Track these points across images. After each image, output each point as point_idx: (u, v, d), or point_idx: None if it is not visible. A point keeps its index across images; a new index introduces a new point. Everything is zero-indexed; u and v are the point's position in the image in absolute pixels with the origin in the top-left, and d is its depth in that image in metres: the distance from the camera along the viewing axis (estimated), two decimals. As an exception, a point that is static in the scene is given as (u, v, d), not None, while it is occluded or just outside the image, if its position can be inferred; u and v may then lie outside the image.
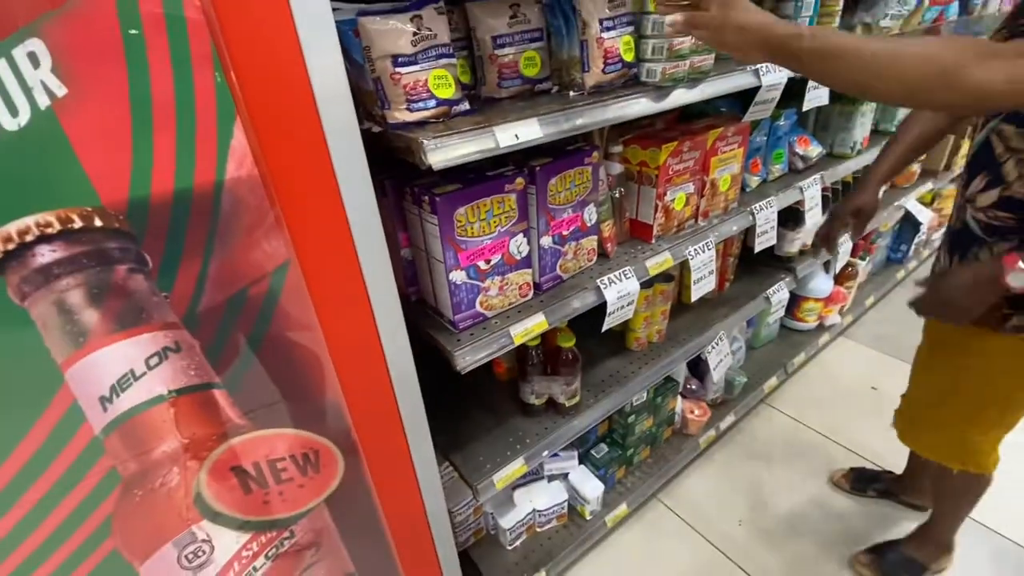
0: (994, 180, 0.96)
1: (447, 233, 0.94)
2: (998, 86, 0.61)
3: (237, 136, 0.62)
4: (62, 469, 0.66)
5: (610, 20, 0.95)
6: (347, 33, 0.79)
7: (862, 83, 0.68)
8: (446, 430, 1.31)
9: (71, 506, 0.68)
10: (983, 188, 0.98)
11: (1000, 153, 0.94)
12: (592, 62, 0.96)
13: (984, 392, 1.11)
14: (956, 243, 1.06)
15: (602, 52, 0.95)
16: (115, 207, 0.58)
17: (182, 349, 0.68)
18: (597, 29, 0.94)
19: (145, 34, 0.54)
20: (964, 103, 0.66)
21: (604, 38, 0.94)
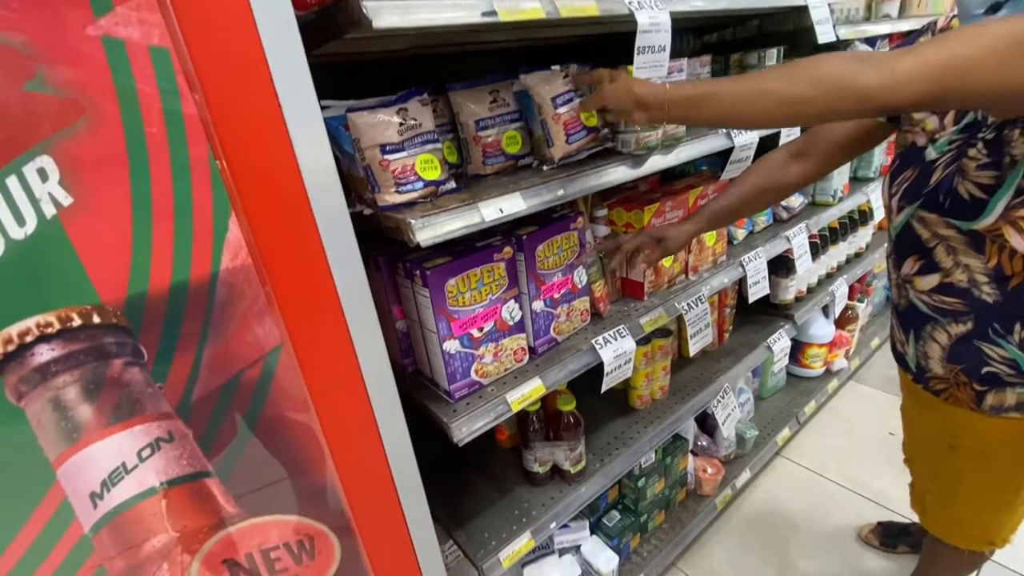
0: (928, 265, 0.92)
1: (439, 304, 0.96)
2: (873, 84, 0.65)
3: (232, 230, 0.65)
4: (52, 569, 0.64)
5: (563, 96, 1.01)
6: (337, 127, 0.86)
7: (731, 114, 0.79)
8: (448, 505, 1.27)
9: (55, 613, 0.66)
10: (918, 271, 0.94)
11: (927, 239, 0.90)
12: (554, 137, 1.02)
13: (989, 478, 1.03)
14: (908, 322, 1.01)
15: (561, 126, 1.01)
16: (113, 303, 0.61)
17: (175, 439, 0.68)
18: (551, 107, 1.01)
19: (147, 143, 0.59)
20: (850, 111, 0.70)
21: (560, 113, 1.01)
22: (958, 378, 0.95)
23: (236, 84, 0.62)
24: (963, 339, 0.92)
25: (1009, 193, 0.77)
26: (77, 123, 0.55)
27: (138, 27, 0.56)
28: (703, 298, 1.40)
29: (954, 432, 1.04)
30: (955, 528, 1.16)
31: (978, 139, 0.81)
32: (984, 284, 0.86)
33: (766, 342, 1.82)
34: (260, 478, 0.77)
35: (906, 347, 1.05)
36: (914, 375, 1.05)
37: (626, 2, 0.95)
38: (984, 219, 0.81)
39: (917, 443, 1.22)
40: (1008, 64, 0.60)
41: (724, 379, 1.67)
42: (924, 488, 1.22)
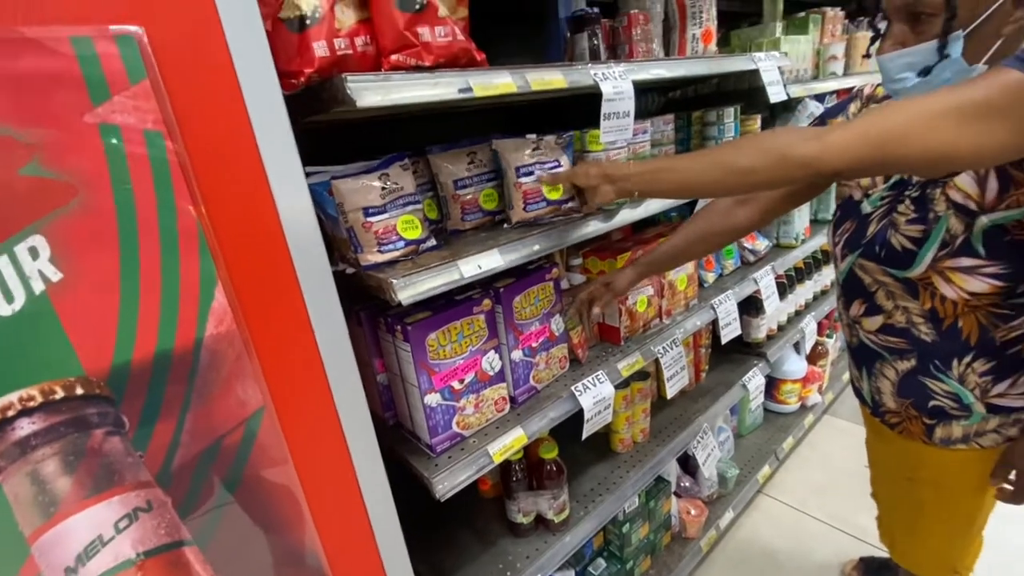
0: (872, 308, 0.98)
1: (420, 358, 0.98)
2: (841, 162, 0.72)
3: (218, 298, 0.67)
4: (15, 657, 0.62)
5: (527, 167, 1.08)
6: (321, 193, 0.90)
7: (689, 182, 0.89)
8: (430, 560, 1.25)
9: None
10: (864, 313, 1.01)
11: (868, 284, 0.97)
12: (514, 203, 1.09)
13: (946, 507, 1.08)
14: (861, 359, 1.08)
15: (521, 194, 1.08)
16: (97, 374, 0.62)
17: (153, 508, 0.68)
18: (514, 175, 1.07)
19: (138, 220, 0.61)
20: (794, 176, 0.78)
21: (521, 183, 1.07)
22: (908, 412, 1.01)
23: (226, 162, 0.66)
24: (909, 375, 0.98)
25: (935, 245, 0.85)
26: (71, 203, 0.58)
27: (134, 113, 0.60)
28: (678, 341, 1.45)
29: (912, 464, 1.09)
30: (921, 559, 1.19)
31: (905, 196, 0.90)
32: (921, 324, 0.93)
33: (741, 380, 1.86)
34: (240, 543, 0.76)
35: (861, 383, 1.11)
36: (871, 409, 1.11)
37: (591, 74, 1.04)
38: (915, 269, 0.88)
39: (880, 476, 1.27)
40: (931, 134, 0.67)
41: (703, 419, 1.70)
42: (890, 520, 1.26)
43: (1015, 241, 0.80)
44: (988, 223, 0.80)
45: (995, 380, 0.91)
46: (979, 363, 0.90)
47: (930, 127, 0.67)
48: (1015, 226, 0.79)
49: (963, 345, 0.90)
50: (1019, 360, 0.89)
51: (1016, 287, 0.83)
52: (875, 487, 1.31)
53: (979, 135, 0.65)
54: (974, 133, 0.65)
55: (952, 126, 0.65)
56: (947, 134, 0.66)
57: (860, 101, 1.04)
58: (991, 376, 0.91)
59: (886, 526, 1.29)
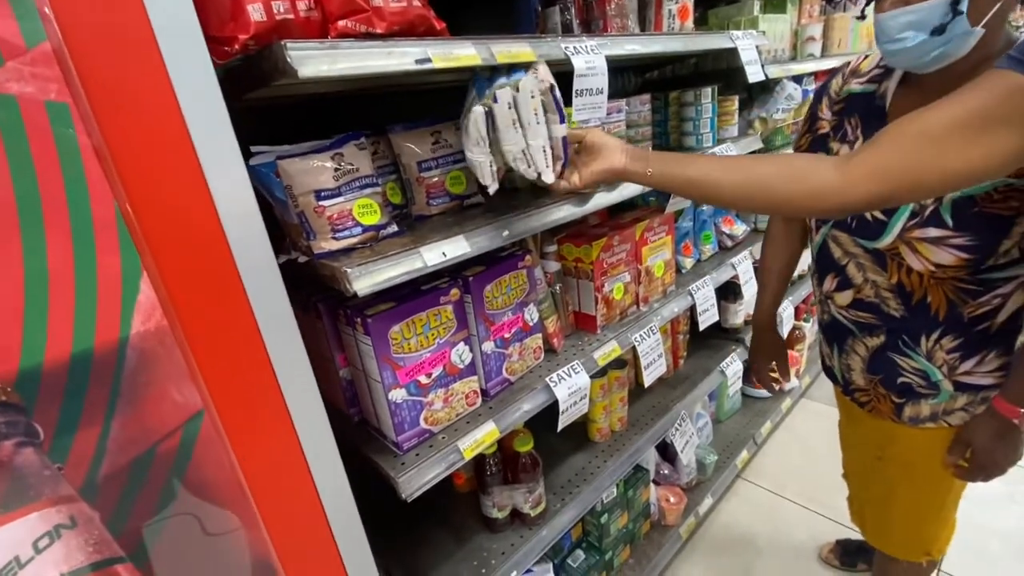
0: (843, 281, 0.99)
1: (382, 353, 0.92)
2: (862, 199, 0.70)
3: (144, 291, 0.61)
4: None
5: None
6: (268, 174, 0.82)
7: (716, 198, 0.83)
8: (404, 560, 1.20)
9: None
10: (836, 288, 1.01)
11: (839, 256, 0.98)
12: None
13: (916, 487, 1.09)
14: (832, 335, 1.08)
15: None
16: (3, 378, 0.55)
17: (78, 524, 0.61)
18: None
19: (43, 206, 0.54)
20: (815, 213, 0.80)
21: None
22: (877, 389, 1.02)
23: (146, 138, 0.58)
24: (878, 351, 0.98)
25: (905, 215, 0.85)
26: (-43, 185, 0.50)
27: (32, 82, 0.52)
28: (655, 328, 1.42)
29: (880, 444, 1.10)
30: (893, 539, 1.20)
31: None
32: (890, 299, 0.93)
33: (720, 366, 1.85)
34: (184, 555, 0.71)
35: (832, 360, 1.11)
36: (842, 387, 1.11)
37: (562, 48, 0.98)
38: (884, 239, 0.88)
39: (851, 456, 1.28)
40: (943, 160, 0.64)
41: (681, 406, 1.69)
42: (861, 500, 1.27)
43: (983, 213, 0.79)
44: (958, 193, 0.79)
45: (963, 357, 0.91)
46: (947, 339, 0.90)
47: (941, 153, 0.65)
48: (984, 198, 0.79)
49: (931, 321, 0.90)
50: (987, 337, 0.89)
51: (982, 260, 0.82)
52: (846, 468, 1.32)
53: (990, 147, 0.63)
54: (984, 147, 0.63)
55: (961, 146, 0.64)
56: (959, 155, 0.64)
57: (842, 78, 1.01)
58: (959, 353, 0.91)
59: (857, 506, 1.30)
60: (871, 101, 0.93)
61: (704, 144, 1.54)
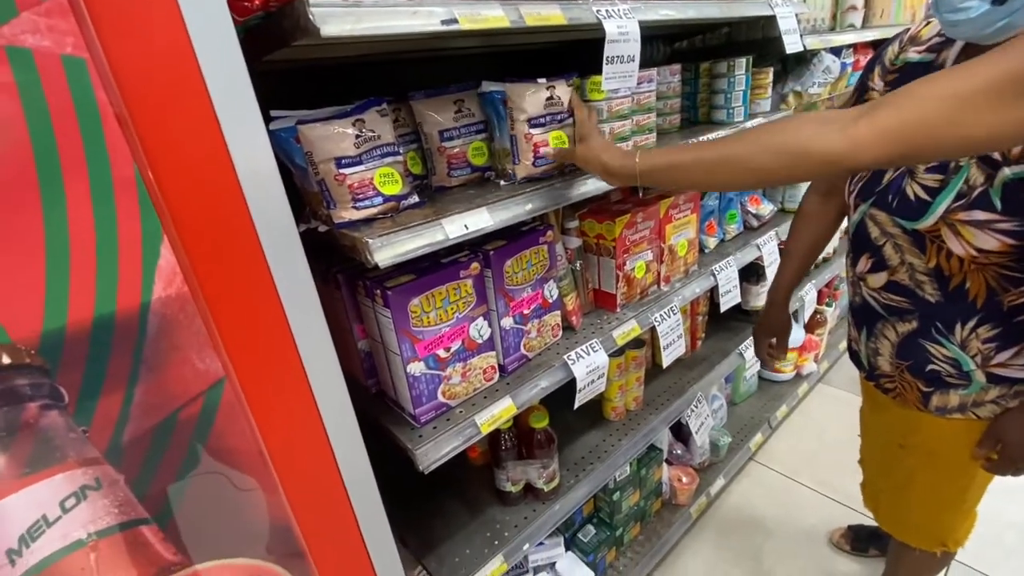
0: (878, 263, 0.95)
1: (402, 325, 0.91)
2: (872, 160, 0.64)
3: (164, 255, 0.59)
4: (-44, 642, 0.58)
5: (539, 118, 0.97)
6: (288, 140, 0.80)
7: (700, 182, 0.83)
8: (418, 529, 1.22)
9: None
10: (870, 269, 0.97)
11: (876, 236, 0.93)
12: (522, 156, 0.99)
13: (937, 477, 1.06)
14: (862, 319, 1.04)
15: (531, 147, 0.98)
16: (27, 342, 0.54)
17: (103, 486, 0.62)
18: (525, 126, 0.96)
19: (62, 166, 0.53)
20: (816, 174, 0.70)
21: (533, 134, 0.97)
22: (904, 376, 0.99)
23: (165, 97, 0.56)
24: (909, 337, 0.95)
25: (951, 196, 0.80)
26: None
27: (48, 35, 0.50)
28: (675, 309, 1.39)
29: (903, 432, 1.07)
30: (908, 527, 1.19)
31: None
32: (926, 283, 0.89)
33: (738, 349, 1.82)
34: (205, 518, 0.71)
35: (859, 344, 1.08)
36: (867, 373, 1.08)
37: (594, 11, 0.93)
38: (926, 219, 0.84)
39: (871, 443, 1.26)
40: (968, 121, 0.59)
41: (697, 387, 1.67)
42: (876, 487, 1.26)
43: None
44: (1010, 175, 0.75)
45: (999, 348, 0.88)
46: (984, 328, 0.87)
47: (966, 114, 0.59)
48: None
49: (968, 308, 0.86)
50: None
51: None
52: (863, 454, 1.30)
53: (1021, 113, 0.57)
54: (1018, 113, 0.57)
55: (990, 109, 0.58)
56: (985, 119, 0.58)
57: (899, 45, 0.94)
58: (995, 343, 0.87)
59: (871, 492, 1.29)
60: (928, 71, 0.86)
61: (735, 119, 1.47)
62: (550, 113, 0.98)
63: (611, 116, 1.04)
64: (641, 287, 1.38)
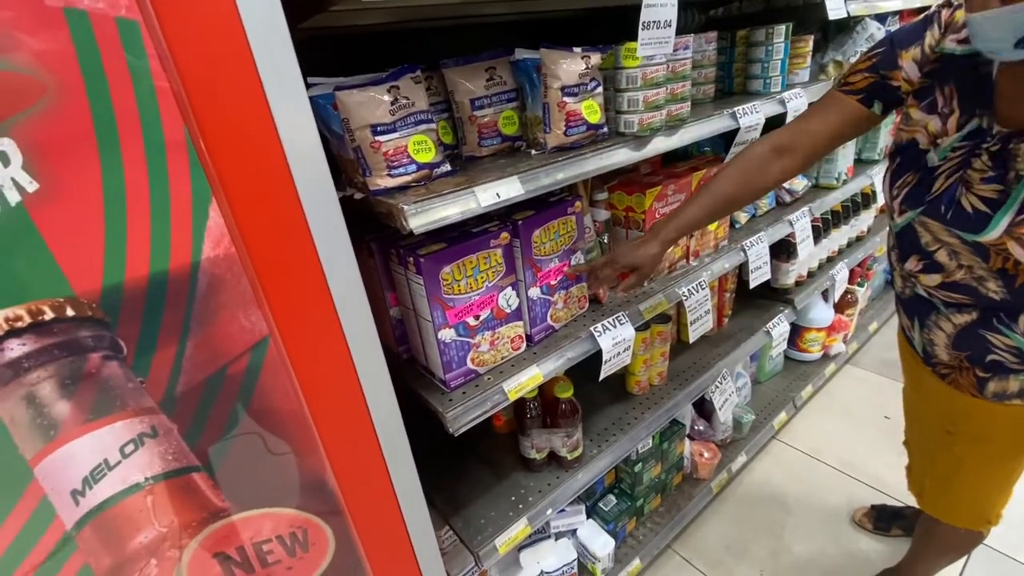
0: (931, 266, 0.90)
1: (433, 293, 0.93)
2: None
3: (213, 217, 0.62)
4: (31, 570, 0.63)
5: (574, 87, 0.96)
6: (325, 106, 0.81)
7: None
8: (445, 491, 1.26)
9: (40, 611, 0.64)
10: (921, 270, 0.92)
11: (928, 243, 0.88)
12: (553, 125, 0.98)
13: (988, 462, 1.04)
14: (913, 310, 1.00)
15: (564, 115, 0.96)
16: (88, 295, 0.57)
17: (159, 434, 0.66)
18: (558, 94, 0.95)
19: (118, 125, 0.54)
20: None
21: (566, 102, 0.96)
22: (962, 364, 0.95)
23: (213, 61, 0.58)
24: (968, 328, 0.91)
25: (1014, 209, 0.75)
26: (39, 102, 0.51)
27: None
28: (704, 284, 1.38)
29: (953, 419, 1.04)
30: (954, 510, 1.17)
31: (983, 149, 0.78)
32: (989, 282, 0.84)
33: (765, 327, 1.80)
34: (250, 471, 0.75)
35: (912, 332, 1.04)
36: (923, 359, 1.05)
37: (631, -27, 0.90)
38: (988, 233, 0.78)
39: (916, 427, 1.23)
40: None
41: (722, 364, 1.66)
42: (922, 471, 1.23)
43: None
44: None
45: None
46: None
47: None
48: None
49: None
50: None
51: None
52: (908, 437, 1.26)
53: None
54: None
55: None
56: None
57: (938, 29, 0.84)
58: None
59: (916, 476, 1.25)
60: (973, 67, 0.78)
61: (772, 89, 1.43)
62: (584, 82, 0.97)
63: (645, 84, 1.02)
64: (670, 261, 1.37)
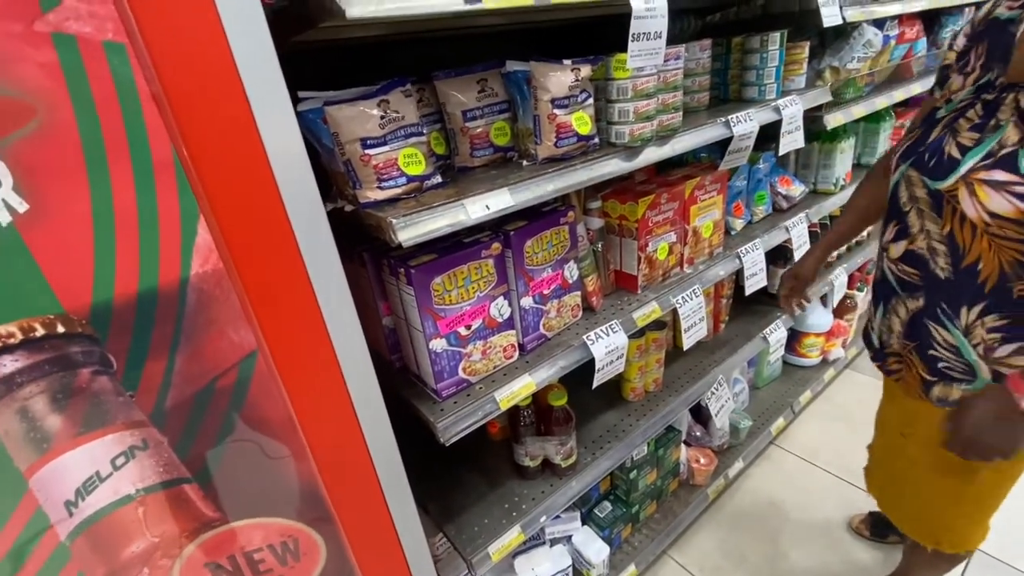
0: (901, 230, 0.94)
1: (424, 303, 0.94)
2: None
3: (201, 234, 0.63)
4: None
5: (564, 99, 0.96)
6: (315, 120, 0.82)
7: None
8: (438, 499, 1.27)
9: (33, 620, 0.65)
10: (893, 238, 0.96)
11: (904, 202, 0.92)
12: (544, 136, 0.98)
13: (933, 468, 1.04)
14: (880, 294, 1.03)
15: (554, 127, 0.97)
16: (78, 312, 0.59)
17: (149, 447, 0.67)
18: (548, 106, 0.95)
19: (106, 146, 0.56)
20: None
21: (556, 114, 0.96)
22: (911, 357, 0.99)
23: (199, 80, 0.59)
24: (917, 315, 0.95)
25: (980, 154, 0.80)
26: (28, 125, 0.52)
27: (90, 21, 0.53)
28: (698, 291, 1.38)
29: (907, 420, 1.08)
30: (904, 516, 1.20)
31: (979, 100, 0.83)
32: (940, 254, 0.88)
33: (762, 333, 1.80)
34: (241, 482, 0.76)
35: (873, 321, 1.10)
36: (875, 353, 1.09)
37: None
38: (949, 179, 0.83)
39: (879, 430, 1.28)
40: None
41: (719, 371, 1.66)
42: (879, 472, 1.27)
43: None
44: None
45: (1003, 340, 0.86)
46: (991, 317, 0.85)
47: None
48: None
49: (976, 290, 0.85)
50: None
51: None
52: (873, 442, 1.31)
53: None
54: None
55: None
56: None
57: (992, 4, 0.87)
58: (1000, 334, 0.86)
59: (875, 477, 1.30)
60: (1005, 28, 0.82)
61: (767, 96, 1.43)
62: (574, 95, 0.98)
63: (636, 95, 1.03)
64: (663, 269, 1.37)
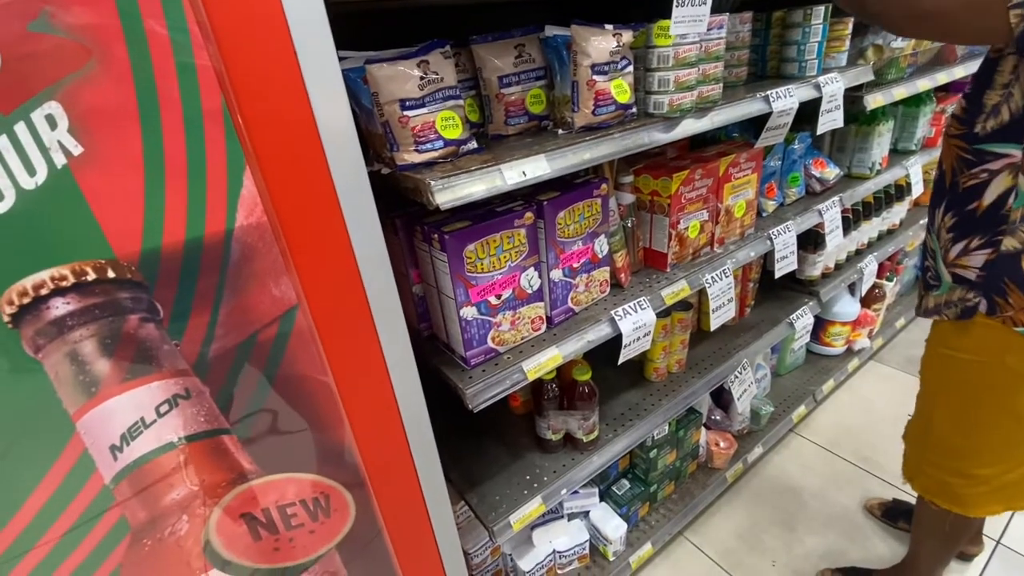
0: None
1: (457, 270, 0.93)
2: None
3: (247, 185, 0.63)
4: (72, 519, 0.66)
5: (604, 65, 0.94)
6: (356, 80, 0.81)
7: None
8: (461, 468, 1.28)
9: (81, 557, 0.68)
10: None
11: None
12: (582, 103, 0.96)
13: (951, 407, 1.08)
14: None
15: (593, 94, 0.95)
16: (127, 258, 0.59)
17: (192, 396, 0.68)
18: (588, 72, 0.93)
19: (158, 92, 0.56)
20: None
21: (596, 80, 0.94)
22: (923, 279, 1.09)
23: (250, 32, 0.58)
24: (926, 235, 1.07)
25: None
26: (85, 67, 0.52)
27: (145, -36, 0.53)
28: (727, 271, 1.36)
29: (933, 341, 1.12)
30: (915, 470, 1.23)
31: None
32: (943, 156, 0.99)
33: (788, 319, 1.77)
34: (277, 436, 0.78)
35: None
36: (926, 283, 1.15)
37: (667, -53, 0.88)
38: None
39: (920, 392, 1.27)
40: None
41: (743, 355, 1.64)
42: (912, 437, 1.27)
43: (987, 57, 0.85)
44: None
45: (953, 239, 0.95)
46: (948, 216, 0.96)
47: None
48: None
49: (943, 191, 0.97)
50: (973, 219, 0.92)
51: (974, 114, 0.87)
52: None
53: None
54: None
55: None
56: None
57: None
58: (951, 234, 0.96)
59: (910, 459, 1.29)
60: None
61: (807, 73, 1.38)
62: (614, 61, 0.95)
63: (677, 63, 1.00)
64: (694, 248, 1.35)
